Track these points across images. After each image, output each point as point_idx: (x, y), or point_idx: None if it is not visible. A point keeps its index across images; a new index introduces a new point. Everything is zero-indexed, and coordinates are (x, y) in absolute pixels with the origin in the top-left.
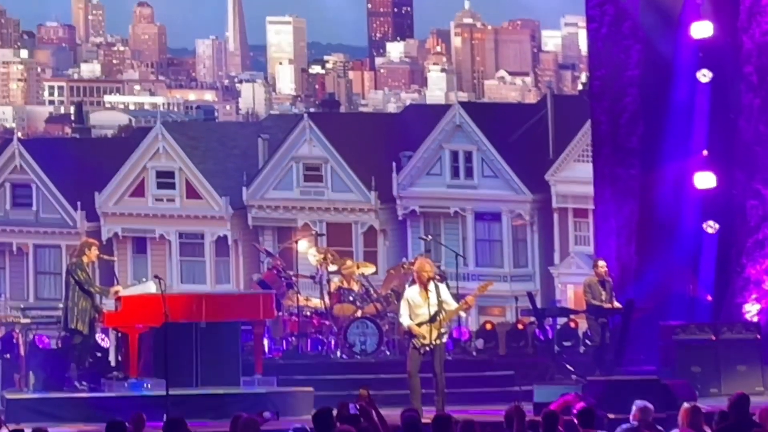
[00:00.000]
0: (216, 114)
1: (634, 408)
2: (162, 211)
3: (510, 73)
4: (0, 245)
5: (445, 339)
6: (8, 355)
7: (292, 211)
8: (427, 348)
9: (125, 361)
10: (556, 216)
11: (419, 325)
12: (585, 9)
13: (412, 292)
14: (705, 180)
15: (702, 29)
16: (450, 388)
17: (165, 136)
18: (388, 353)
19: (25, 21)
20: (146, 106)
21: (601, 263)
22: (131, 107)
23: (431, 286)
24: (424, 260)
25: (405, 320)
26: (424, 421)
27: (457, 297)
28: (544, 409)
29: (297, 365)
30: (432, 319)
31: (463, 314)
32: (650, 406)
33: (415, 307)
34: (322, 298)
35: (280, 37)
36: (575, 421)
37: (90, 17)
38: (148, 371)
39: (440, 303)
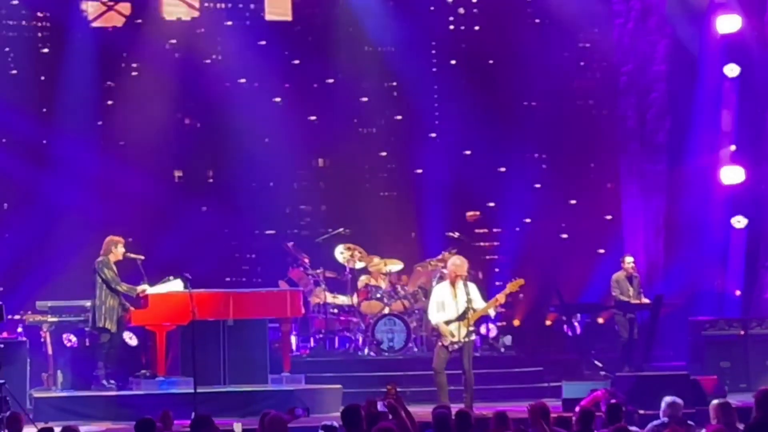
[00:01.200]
0: None
1: (663, 403)
2: None
3: None
4: None
5: (473, 337)
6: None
7: None
8: (456, 346)
9: (153, 359)
10: None
11: (448, 323)
12: (611, 4)
13: (441, 289)
14: (733, 175)
15: (729, 23)
16: (478, 384)
17: None
18: (415, 350)
19: None
20: None
21: (629, 259)
22: None
23: (459, 283)
24: (457, 257)
25: (434, 318)
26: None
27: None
28: (579, 406)
29: (325, 363)
30: (461, 317)
31: (492, 313)
32: (680, 401)
33: (444, 304)
34: (350, 295)
35: None
36: (604, 417)
37: None
38: (176, 369)
39: (469, 301)
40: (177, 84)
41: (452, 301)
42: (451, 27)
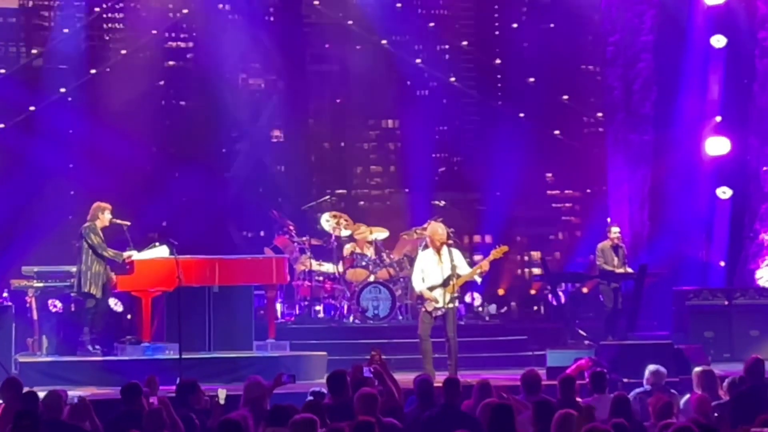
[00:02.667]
0: None
1: (646, 372)
2: None
3: None
4: None
5: (457, 303)
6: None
7: None
8: (439, 312)
9: (138, 325)
10: None
11: (431, 289)
12: None
13: (424, 256)
14: (718, 146)
15: None
16: (463, 352)
17: None
18: (400, 318)
19: None
20: None
21: (615, 229)
22: None
23: (444, 250)
24: (437, 224)
25: (417, 284)
26: (435, 384)
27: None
28: (561, 374)
29: (310, 330)
30: (444, 284)
31: (477, 279)
32: (663, 369)
33: (428, 271)
34: (335, 263)
35: None
36: (588, 385)
37: None
38: (161, 335)
39: (453, 267)
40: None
41: (436, 267)
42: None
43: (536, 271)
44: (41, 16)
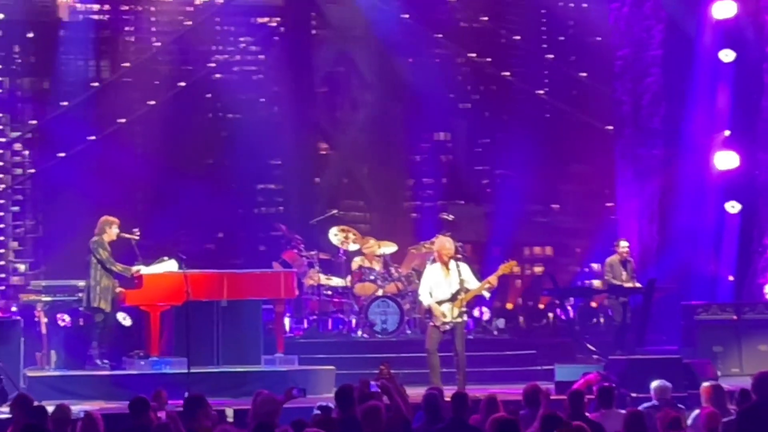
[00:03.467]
0: None
1: (652, 387)
2: None
3: None
4: None
5: (465, 318)
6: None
7: None
8: (447, 327)
9: (147, 339)
10: None
11: (440, 303)
12: None
13: (432, 271)
14: (727, 160)
15: (724, 9)
16: (471, 367)
17: None
18: (409, 332)
19: None
20: None
21: (623, 243)
22: None
23: (452, 264)
24: (445, 239)
25: (425, 299)
26: (444, 399)
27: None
28: (569, 388)
29: (318, 344)
30: (453, 298)
31: (486, 294)
32: (668, 384)
33: (436, 285)
34: (343, 277)
35: None
36: (596, 399)
37: None
38: (170, 350)
39: (461, 282)
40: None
41: (444, 282)
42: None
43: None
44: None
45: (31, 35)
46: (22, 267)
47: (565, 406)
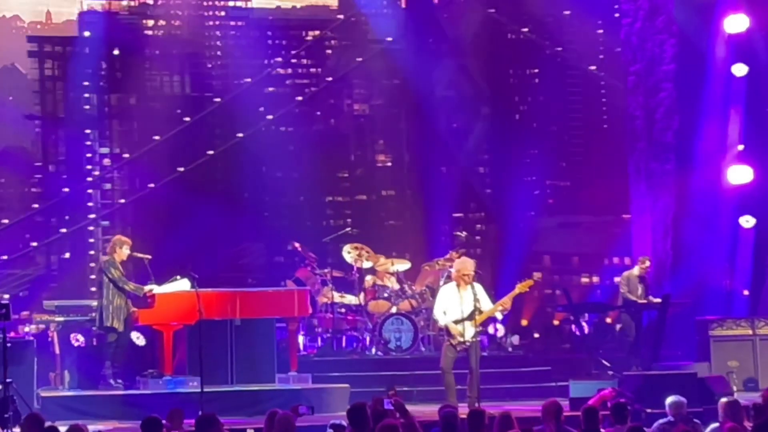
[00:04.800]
0: None
1: (666, 403)
2: None
3: None
4: None
5: (478, 337)
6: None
7: None
8: (464, 345)
9: (160, 358)
10: None
11: (456, 322)
12: (619, 4)
13: (448, 290)
14: (741, 174)
15: (737, 23)
16: (486, 384)
17: None
18: (423, 349)
19: None
20: None
21: (647, 263)
22: None
23: (468, 286)
24: (468, 260)
25: (441, 318)
26: (460, 416)
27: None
28: (584, 404)
29: (332, 362)
30: (469, 318)
31: (499, 315)
32: (683, 399)
33: (450, 305)
34: (357, 294)
35: None
36: (610, 416)
37: None
38: (183, 369)
39: (477, 301)
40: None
41: (458, 302)
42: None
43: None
44: None
45: (116, 52)
46: None
47: (579, 423)
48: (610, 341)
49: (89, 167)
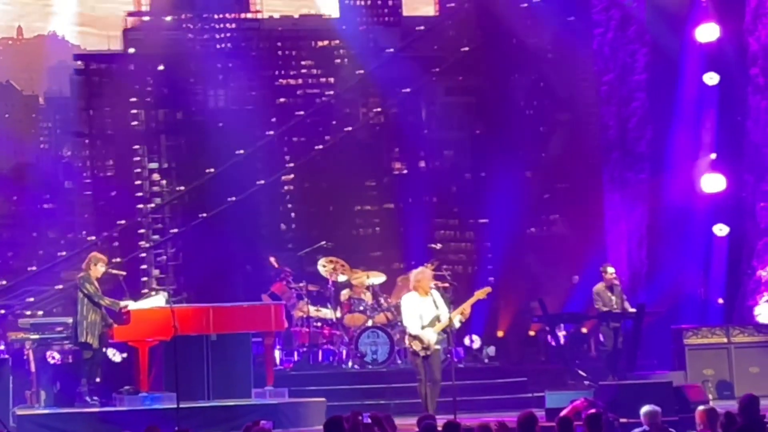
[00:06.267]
0: None
1: (641, 413)
2: None
3: None
4: None
5: (440, 346)
6: (21, 371)
7: None
8: (428, 353)
9: (136, 375)
10: None
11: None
12: (591, 13)
13: (410, 298)
14: (714, 183)
15: (708, 32)
16: (462, 395)
17: None
18: (399, 362)
19: None
20: None
21: (610, 270)
22: None
23: (429, 294)
24: (428, 271)
25: (415, 327)
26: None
27: None
28: (558, 415)
29: (308, 376)
30: (431, 324)
31: (457, 324)
32: (657, 408)
33: (415, 312)
34: (332, 308)
35: None
36: (584, 426)
37: None
38: (159, 385)
39: (436, 309)
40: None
41: (419, 311)
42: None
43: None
44: None
45: (161, 68)
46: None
47: None
48: (586, 351)
49: (138, 182)
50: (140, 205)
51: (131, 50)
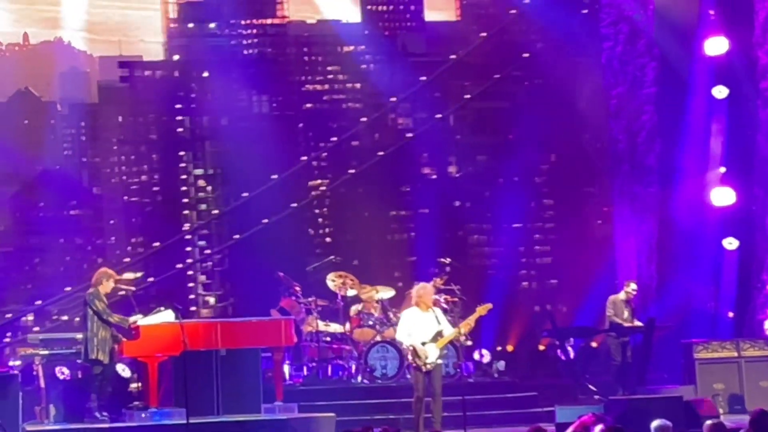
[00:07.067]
0: None
1: (651, 428)
2: None
3: None
4: None
5: (441, 361)
6: (30, 386)
7: None
8: (429, 367)
9: (145, 390)
10: None
11: (423, 344)
12: (599, 27)
13: (410, 313)
14: (724, 196)
15: (717, 45)
16: (473, 410)
17: None
18: (409, 377)
19: None
20: None
21: (633, 286)
22: None
23: (430, 310)
24: (430, 287)
25: (405, 339)
26: None
27: None
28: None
29: (318, 391)
30: (432, 340)
31: (461, 338)
32: (668, 423)
33: (415, 327)
34: (341, 323)
35: None
36: None
37: None
38: (169, 400)
39: (438, 324)
40: None
41: (420, 325)
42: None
43: None
44: None
45: (206, 74)
46: (211, 300)
47: None
48: (596, 365)
49: (184, 188)
50: (186, 212)
51: (176, 57)
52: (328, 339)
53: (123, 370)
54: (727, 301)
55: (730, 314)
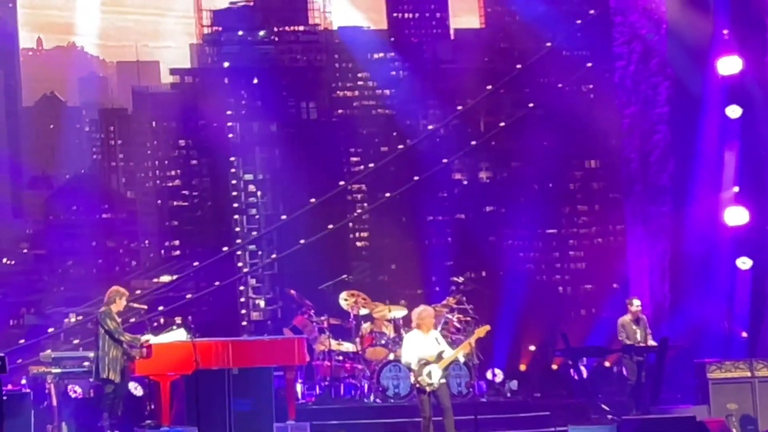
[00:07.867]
0: None
1: None
2: None
3: None
4: None
5: (445, 380)
6: (42, 405)
7: None
8: (433, 388)
9: (157, 409)
10: None
11: (426, 364)
12: (612, 46)
13: (412, 336)
14: (737, 216)
15: (730, 65)
16: (485, 429)
17: None
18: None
19: None
20: None
21: (636, 302)
22: None
23: (431, 332)
24: (431, 310)
25: (413, 361)
26: None
27: None
28: None
29: (330, 410)
30: (435, 361)
31: (461, 359)
32: None
33: (417, 349)
34: (354, 342)
35: None
36: None
37: None
38: (181, 419)
39: (439, 345)
40: None
41: (422, 347)
42: None
43: None
44: None
45: (256, 81)
46: (261, 303)
47: None
48: (609, 385)
49: (234, 194)
50: (236, 216)
51: (226, 64)
52: (341, 358)
53: (135, 389)
54: (741, 321)
55: (744, 334)
